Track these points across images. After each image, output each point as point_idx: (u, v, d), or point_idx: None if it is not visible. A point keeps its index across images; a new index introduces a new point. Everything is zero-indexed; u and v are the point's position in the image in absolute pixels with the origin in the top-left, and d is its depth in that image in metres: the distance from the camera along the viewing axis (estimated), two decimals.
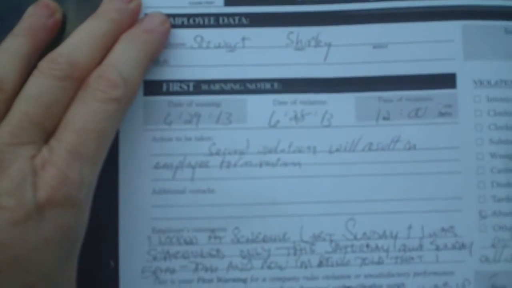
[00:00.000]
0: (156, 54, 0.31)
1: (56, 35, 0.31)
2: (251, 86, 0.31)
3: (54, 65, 0.28)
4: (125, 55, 0.29)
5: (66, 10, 0.31)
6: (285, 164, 0.31)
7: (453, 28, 0.32)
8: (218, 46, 0.31)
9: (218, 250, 0.30)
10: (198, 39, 0.31)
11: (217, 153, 0.31)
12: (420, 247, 0.31)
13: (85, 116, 0.27)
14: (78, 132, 0.27)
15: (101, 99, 0.28)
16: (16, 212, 0.25)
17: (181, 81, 0.31)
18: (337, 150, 0.31)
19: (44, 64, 0.28)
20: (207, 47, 0.31)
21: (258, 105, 0.31)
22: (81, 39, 0.29)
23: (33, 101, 0.27)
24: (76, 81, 0.28)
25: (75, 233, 0.27)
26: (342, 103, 0.31)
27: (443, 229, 0.31)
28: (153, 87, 0.31)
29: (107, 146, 0.28)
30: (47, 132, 0.27)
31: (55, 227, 0.26)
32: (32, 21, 0.30)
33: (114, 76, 0.28)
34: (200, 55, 0.31)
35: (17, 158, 0.26)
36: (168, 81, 0.31)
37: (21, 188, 0.25)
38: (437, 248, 0.31)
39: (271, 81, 0.31)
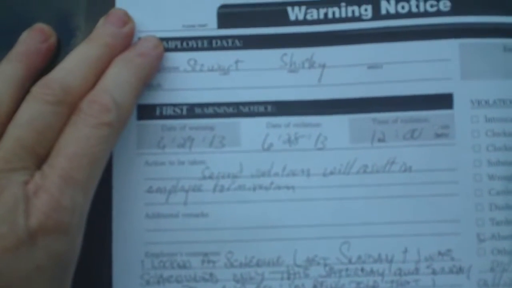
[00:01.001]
0: (150, 78, 0.32)
1: (50, 60, 0.32)
2: (245, 109, 0.32)
3: (47, 90, 0.29)
4: (118, 79, 0.30)
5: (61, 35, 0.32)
6: (279, 188, 0.32)
7: (450, 46, 0.32)
8: (212, 69, 0.32)
9: (211, 274, 0.32)
10: (192, 62, 0.32)
11: (210, 177, 0.32)
12: (416, 271, 0.31)
13: (77, 141, 0.28)
14: (71, 157, 0.28)
15: (93, 124, 0.29)
16: (7, 239, 0.26)
17: (174, 105, 0.32)
18: (331, 173, 0.32)
19: (37, 89, 0.29)
20: (201, 70, 0.32)
21: (251, 128, 0.32)
22: (74, 64, 0.30)
23: (26, 127, 0.28)
24: (69, 106, 0.29)
25: (68, 260, 0.28)
26: (336, 125, 0.32)
27: (440, 253, 0.32)
28: (147, 111, 0.32)
29: (100, 171, 0.29)
30: (39, 157, 0.28)
31: (47, 255, 0.27)
32: (27, 46, 0.31)
33: (106, 100, 0.29)
34: (193, 78, 0.32)
35: (10, 184, 0.27)
36: (161, 105, 0.32)
37: (13, 214, 0.26)
38: (434, 272, 0.31)
39: (264, 103, 0.32)
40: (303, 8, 0.33)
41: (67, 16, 0.33)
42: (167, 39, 0.33)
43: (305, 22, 0.33)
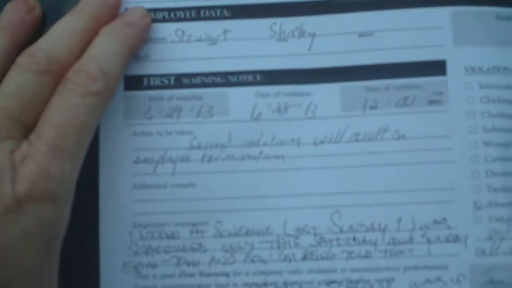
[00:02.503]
0: (137, 48, 0.34)
1: (36, 31, 0.34)
2: (233, 79, 0.33)
3: (33, 60, 0.30)
4: (105, 49, 0.32)
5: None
6: (268, 157, 0.33)
7: (442, 14, 0.33)
8: (200, 39, 0.34)
9: (200, 244, 0.33)
10: (179, 32, 0.34)
11: (198, 147, 0.33)
12: (411, 240, 0.32)
13: (64, 110, 0.30)
14: (58, 126, 0.29)
15: (80, 93, 0.30)
16: None
17: (162, 76, 0.33)
18: (322, 142, 0.33)
19: (22, 59, 0.31)
20: (188, 41, 0.34)
21: (240, 97, 0.33)
22: (60, 34, 0.32)
23: (11, 96, 0.30)
24: (55, 76, 0.31)
25: (56, 228, 0.29)
26: (327, 94, 0.33)
27: (435, 221, 0.32)
28: (134, 82, 0.34)
29: (87, 141, 0.31)
30: (26, 128, 0.30)
31: (35, 222, 0.28)
32: (11, 17, 0.33)
33: (93, 69, 0.31)
34: (181, 48, 0.34)
35: None
36: (149, 76, 0.34)
37: (0, 182, 0.27)
38: (429, 241, 0.32)
39: (253, 73, 0.33)
40: None
41: None
42: (154, 10, 0.34)
43: None
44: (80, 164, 0.30)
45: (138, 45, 0.34)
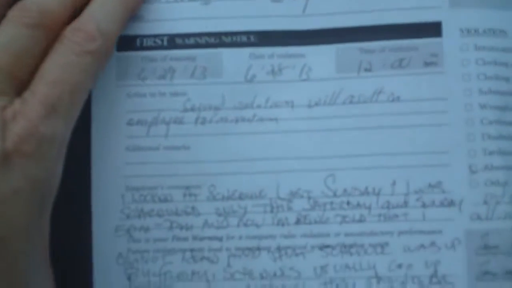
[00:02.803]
0: (136, 8, 0.33)
1: None
2: (227, 39, 0.33)
3: (24, 13, 0.30)
4: (105, 8, 0.31)
5: None
6: (262, 120, 0.33)
7: None
8: None
9: (193, 208, 0.33)
10: None
11: (192, 109, 0.33)
12: (405, 204, 0.32)
13: (60, 68, 0.29)
14: (52, 84, 0.29)
15: (77, 51, 0.30)
16: None
17: (155, 36, 0.33)
18: (316, 104, 0.33)
19: (13, 12, 0.30)
20: (182, 1, 0.34)
21: (234, 59, 0.33)
22: None
23: (2, 50, 0.29)
24: (47, 30, 0.30)
25: (46, 187, 0.29)
26: (321, 56, 0.33)
27: (430, 185, 0.32)
28: (127, 43, 0.33)
29: (81, 100, 0.30)
30: (18, 82, 0.30)
31: (24, 179, 0.28)
32: None
33: (91, 28, 0.30)
34: (174, 9, 0.34)
35: None
36: (142, 36, 0.33)
37: None
38: (424, 205, 0.32)
39: (247, 33, 0.33)
40: None
41: None
42: None
43: None
44: (72, 124, 0.30)
45: (138, 5, 0.33)
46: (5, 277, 0.28)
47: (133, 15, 0.33)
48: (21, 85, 0.30)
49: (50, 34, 0.30)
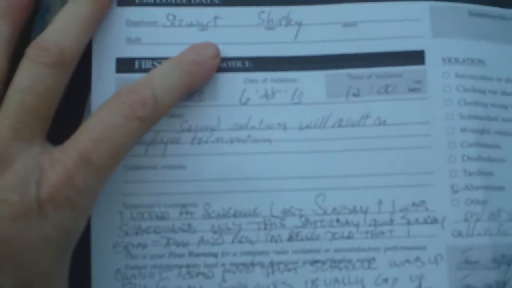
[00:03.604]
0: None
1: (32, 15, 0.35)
2: (223, 65, 0.35)
3: (44, 52, 0.31)
4: (165, 79, 0.33)
5: None
6: (256, 141, 0.35)
7: (421, 8, 0.36)
8: (190, 25, 0.35)
9: (189, 225, 0.34)
10: (171, 17, 0.35)
11: (189, 130, 0.35)
12: (391, 221, 0.34)
13: (105, 126, 0.30)
14: (95, 141, 0.30)
15: (126, 114, 0.31)
16: (17, 208, 0.28)
17: (153, 59, 0.35)
18: (307, 126, 0.35)
19: (33, 51, 0.31)
20: (179, 25, 0.35)
21: (229, 83, 0.35)
22: (65, 23, 0.32)
23: (28, 91, 0.30)
24: (67, 67, 0.32)
25: (74, 235, 0.30)
26: (312, 81, 0.35)
27: (414, 204, 0.34)
28: (126, 64, 0.35)
29: (119, 161, 0.31)
30: (45, 122, 0.31)
31: (55, 227, 0.29)
32: (7, 3, 0.33)
33: (146, 95, 0.31)
34: (172, 33, 0.35)
35: (23, 154, 0.29)
36: (140, 59, 0.35)
37: (25, 184, 0.28)
38: (409, 223, 0.34)
39: (242, 59, 0.35)
40: None
41: None
42: None
43: None
44: (105, 179, 0.31)
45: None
46: None
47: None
48: (46, 125, 0.31)
49: (70, 70, 0.32)
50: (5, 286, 0.27)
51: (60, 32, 0.32)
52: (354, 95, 0.35)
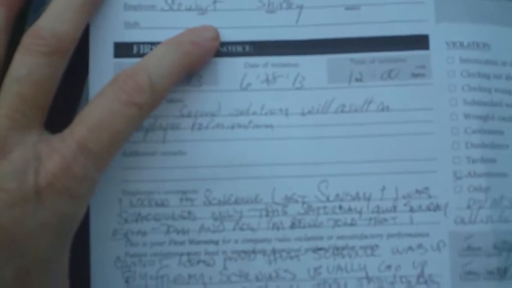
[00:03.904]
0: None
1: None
2: (222, 49, 0.35)
3: (40, 41, 0.30)
4: (162, 61, 0.32)
5: None
6: (257, 126, 0.34)
7: None
8: (189, 9, 0.35)
9: (189, 212, 0.34)
10: (169, 1, 0.35)
11: (189, 115, 0.34)
12: (394, 208, 0.34)
13: (103, 114, 0.30)
14: (92, 128, 0.30)
15: (123, 100, 0.30)
16: (15, 195, 0.28)
17: (151, 43, 0.34)
18: (309, 112, 0.34)
19: (29, 40, 0.31)
20: (178, 9, 0.35)
21: (229, 67, 0.35)
22: (61, 9, 0.32)
23: (24, 81, 0.30)
24: (63, 55, 0.31)
25: (72, 222, 0.30)
26: (314, 65, 0.35)
27: (417, 191, 0.34)
28: (124, 49, 0.34)
29: (117, 148, 0.31)
30: (42, 111, 0.31)
31: (53, 214, 0.29)
32: None
33: (143, 80, 0.31)
34: (171, 17, 0.35)
35: (20, 143, 0.29)
36: (138, 43, 0.34)
37: (23, 172, 0.28)
38: (411, 210, 0.34)
39: (242, 43, 0.35)
40: None
41: None
42: None
43: None
44: (104, 168, 0.31)
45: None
46: None
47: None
48: (44, 114, 0.31)
49: (67, 57, 0.31)
50: (4, 272, 0.28)
51: (55, 18, 0.31)
52: (357, 80, 0.35)
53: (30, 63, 0.30)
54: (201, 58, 0.34)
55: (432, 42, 0.35)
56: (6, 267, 0.28)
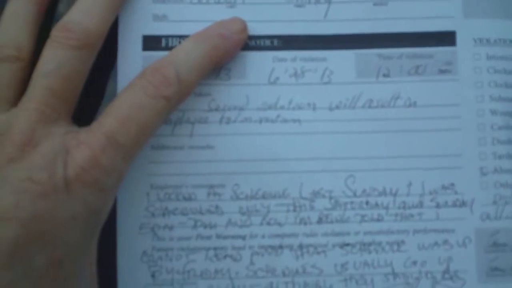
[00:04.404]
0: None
1: None
2: (251, 43, 0.35)
3: (70, 34, 0.31)
4: (189, 55, 0.32)
5: None
6: (285, 121, 0.34)
7: None
8: (218, 2, 0.35)
9: (217, 207, 0.34)
10: None
11: (217, 109, 0.34)
12: (420, 204, 0.34)
13: (131, 106, 0.30)
14: (120, 121, 0.30)
15: (151, 94, 0.31)
16: (46, 186, 0.28)
17: (180, 36, 0.34)
18: (337, 107, 0.34)
19: (58, 33, 0.31)
20: (207, 3, 0.35)
21: (257, 61, 0.35)
22: (90, 4, 0.32)
23: (54, 75, 0.30)
24: (92, 49, 0.31)
25: (101, 214, 0.31)
26: (342, 60, 0.35)
27: (443, 186, 0.34)
28: (153, 42, 0.34)
29: (145, 140, 0.31)
30: (70, 105, 0.31)
31: (82, 206, 0.29)
32: None
33: (170, 73, 0.31)
34: (200, 10, 0.35)
35: (49, 136, 0.29)
36: (167, 36, 0.34)
37: (52, 164, 0.28)
38: (438, 206, 0.34)
39: (271, 37, 0.35)
40: None
41: None
42: None
43: None
44: (132, 161, 0.31)
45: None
46: None
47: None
48: (72, 107, 0.31)
49: (95, 51, 0.31)
50: (36, 262, 0.27)
51: (84, 12, 0.31)
52: (384, 75, 0.35)
53: (59, 57, 0.30)
54: (229, 51, 0.34)
55: (459, 39, 0.35)
56: (39, 257, 0.28)
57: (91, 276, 0.31)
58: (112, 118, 0.30)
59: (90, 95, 0.33)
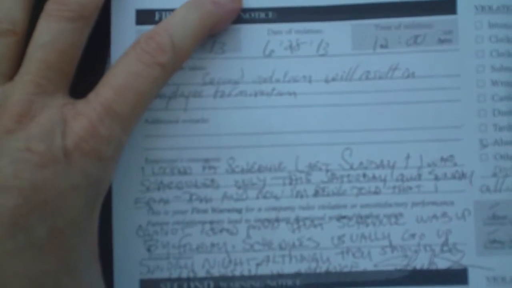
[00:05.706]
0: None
1: None
2: (245, 16, 0.35)
3: (63, 6, 0.31)
4: (183, 22, 0.32)
5: None
6: (280, 94, 0.34)
7: None
8: None
9: (212, 180, 0.34)
10: None
11: (211, 83, 0.34)
12: (419, 176, 0.34)
13: (126, 75, 0.31)
14: (117, 90, 0.30)
15: (146, 61, 0.31)
16: (45, 156, 0.29)
17: (173, 10, 0.34)
18: (333, 79, 0.34)
19: (52, 6, 0.31)
20: None
21: (252, 34, 0.35)
22: None
23: (49, 47, 0.30)
24: (87, 20, 0.32)
25: (102, 184, 0.31)
26: (338, 32, 0.35)
27: (442, 159, 0.34)
28: (146, 16, 0.34)
29: (143, 109, 0.32)
30: (67, 77, 0.31)
31: (82, 176, 0.29)
32: None
33: (165, 40, 0.31)
34: None
35: (46, 107, 0.30)
36: (160, 10, 0.34)
37: (50, 135, 0.29)
38: (436, 178, 0.34)
39: (265, 10, 0.35)
40: None
41: None
42: None
43: None
44: (131, 130, 0.31)
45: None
46: (56, 269, 0.29)
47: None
48: (69, 80, 0.31)
49: (90, 24, 0.32)
50: (38, 232, 0.28)
51: None
52: (382, 46, 0.34)
53: (53, 29, 0.31)
54: (223, 19, 0.34)
55: (460, 6, 0.35)
56: (40, 227, 0.28)
57: (92, 250, 0.31)
58: (108, 87, 0.30)
59: (86, 71, 0.33)
